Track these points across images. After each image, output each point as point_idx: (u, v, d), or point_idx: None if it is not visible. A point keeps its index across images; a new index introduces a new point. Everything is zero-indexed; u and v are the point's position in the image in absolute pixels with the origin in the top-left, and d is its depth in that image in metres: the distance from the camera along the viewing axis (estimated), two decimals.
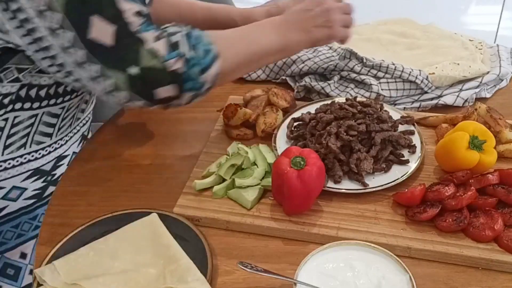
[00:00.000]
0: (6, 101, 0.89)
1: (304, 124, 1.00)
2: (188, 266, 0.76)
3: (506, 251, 0.78)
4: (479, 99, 1.12)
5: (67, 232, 0.83)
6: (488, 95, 1.14)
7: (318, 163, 0.83)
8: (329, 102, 1.03)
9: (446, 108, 1.10)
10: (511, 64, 1.20)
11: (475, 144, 0.87)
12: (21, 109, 0.91)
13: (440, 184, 0.87)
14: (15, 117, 0.92)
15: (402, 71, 1.11)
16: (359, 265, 0.71)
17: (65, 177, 0.99)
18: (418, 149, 0.95)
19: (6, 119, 0.91)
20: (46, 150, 0.99)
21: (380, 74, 1.12)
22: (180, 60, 0.80)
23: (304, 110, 1.05)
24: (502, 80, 1.17)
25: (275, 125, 1.02)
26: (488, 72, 1.15)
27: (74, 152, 1.06)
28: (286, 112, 1.05)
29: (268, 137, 1.00)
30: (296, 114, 1.04)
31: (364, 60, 1.14)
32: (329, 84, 1.13)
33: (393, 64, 1.12)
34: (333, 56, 1.21)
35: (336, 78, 1.15)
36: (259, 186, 0.89)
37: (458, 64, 1.15)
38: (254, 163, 0.93)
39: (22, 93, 0.90)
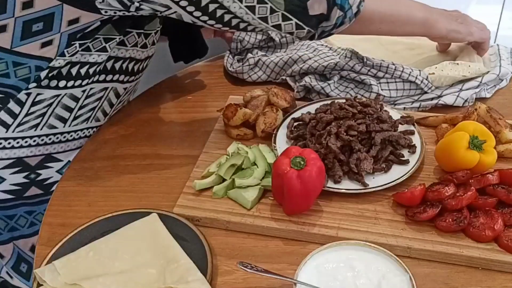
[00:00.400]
0: (91, 70, 0.94)
1: (304, 124, 1.00)
2: (188, 266, 0.76)
3: (506, 251, 0.78)
4: (479, 99, 1.11)
5: (67, 232, 0.83)
6: (488, 95, 1.14)
7: (318, 163, 0.83)
8: (329, 102, 1.03)
9: (446, 108, 1.10)
10: (511, 64, 1.20)
11: (475, 144, 0.87)
12: (97, 81, 0.97)
13: (440, 184, 0.87)
14: (90, 89, 0.97)
15: (402, 71, 1.11)
16: (359, 265, 0.71)
17: (65, 177, 0.99)
18: (418, 149, 0.95)
19: (84, 90, 0.96)
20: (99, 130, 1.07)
21: (380, 74, 1.12)
22: None
23: (304, 110, 1.05)
24: (502, 80, 1.17)
25: (275, 125, 1.02)
26: (488, 72, 1.15)
27: None
28: (286, 112, 1.05)
29: (268, 137, 1.00)
30: (296, 114, 1.04)
31: (365, 60, 1.14)
32: (329, 84, 1.13)
33: (393, 64, 1.12)
34: (333, 55, 1.21)
35: (336, 78, 1.15)
36: (259, 186, 0.89)
37: (458, 64, 1.15)
38: (254, 163, 0.93)
39: (102, 64, 0.96)
